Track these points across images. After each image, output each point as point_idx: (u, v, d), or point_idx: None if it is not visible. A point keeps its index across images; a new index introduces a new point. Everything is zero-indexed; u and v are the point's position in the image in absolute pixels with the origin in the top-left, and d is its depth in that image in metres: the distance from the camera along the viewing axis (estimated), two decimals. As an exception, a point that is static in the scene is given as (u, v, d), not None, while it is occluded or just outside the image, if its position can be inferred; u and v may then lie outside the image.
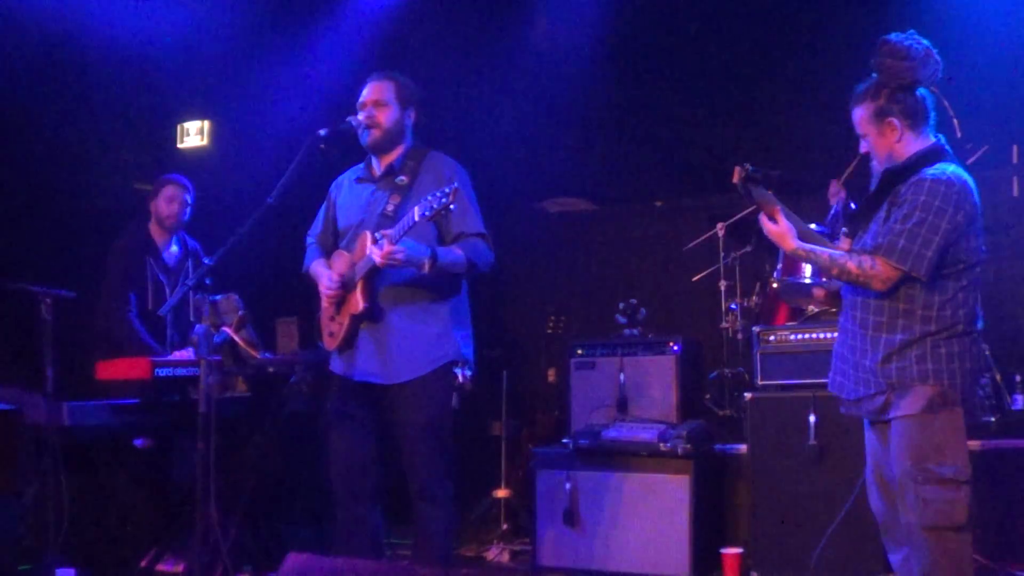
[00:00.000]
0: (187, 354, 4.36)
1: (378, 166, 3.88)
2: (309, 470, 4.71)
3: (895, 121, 3.18)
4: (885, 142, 3.22)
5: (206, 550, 3.49)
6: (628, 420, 5.05)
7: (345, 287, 3.76)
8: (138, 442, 4.37)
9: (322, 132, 3.69)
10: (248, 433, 4.32)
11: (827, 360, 3.43)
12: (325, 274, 3.81)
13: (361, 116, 3.80)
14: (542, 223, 7.50)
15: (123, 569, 4.28)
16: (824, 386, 3.49)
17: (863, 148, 3.30)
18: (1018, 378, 5.22)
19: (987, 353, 5.26)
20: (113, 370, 4.11)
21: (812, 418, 4.47)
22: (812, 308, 4.50)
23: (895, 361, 3.11)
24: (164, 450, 4.45)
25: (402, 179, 3.78)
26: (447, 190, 3.38)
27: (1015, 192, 6.05)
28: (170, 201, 4.91)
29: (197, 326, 3.65)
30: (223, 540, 3.56)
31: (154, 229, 4.93)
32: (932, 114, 3.25)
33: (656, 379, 5.21)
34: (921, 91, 3.22)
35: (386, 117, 3.80)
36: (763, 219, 3.29)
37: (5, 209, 5.94)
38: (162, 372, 4.05)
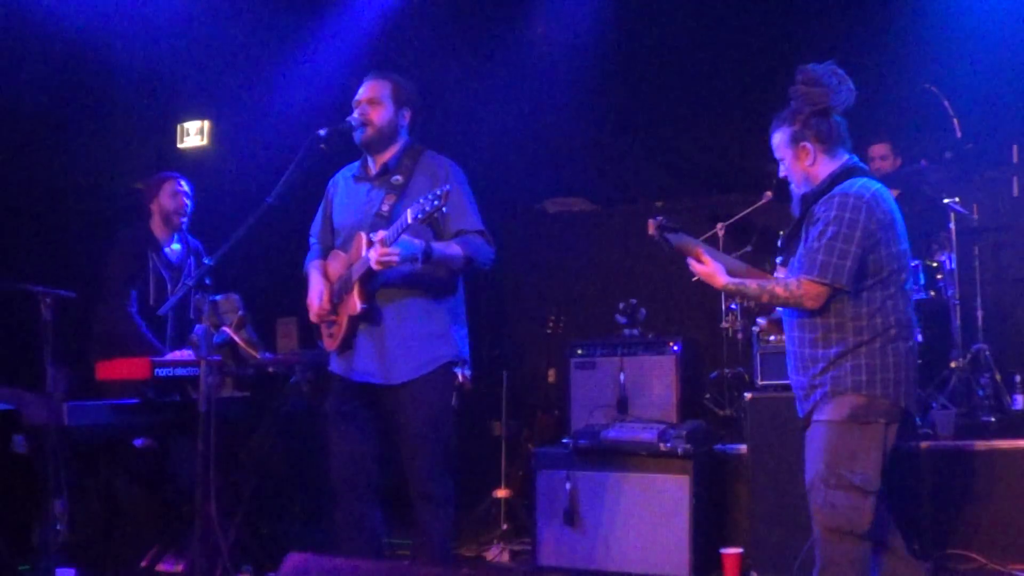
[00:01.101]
0: (186, 354, 4.36)
1: (373, 165, 3.88)
2: (309, 470, 4.72)
3: (808, 145, 3.31)
4: (800, 166, 3.35)
5: (206, 550, 3.49)
6: (628, 420, 5.05)
7: (341, 289, 3.76)
8: (138, 442, 4.37)
9: (322, 132, 3.69)
10: (248, 433, 4.32)
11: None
12: (315, 287, 3.82)
13: (355, 113, 3.81)
14: (542, 223, 7.50)
15: (123, 569, 4.28)
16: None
17: (781, 172, 3.43)
18: (1018, 378, 5.22)
19: (987, 353, 5.27)
20: (113, 370, 4.11)
21: (812, 418, 4.46)
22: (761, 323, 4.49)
23: (831, 371, 3.21)
24: (164, 450, 4.45)
25: (397, 179, 3.78)
26: (438, 192, 3.38)
27: (1015, 192, 6.06)
28: (174, 195, 4.92)
29: (197, 326, 3.65)
30: (223, 540, 3.56)
31: (155, 226, 4.93)
32: (846, 138, 3.36)
33: (656, 379, 5.20)
34: (836, 117, 3.33)
35: (379, 115, 3.80)
36: (691, 262, 3.42)
37: (5, 209, 5.95)
38: (162, 372, 4.05)
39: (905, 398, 3.21)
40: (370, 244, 3.56)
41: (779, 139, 3.38)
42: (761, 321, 3.68)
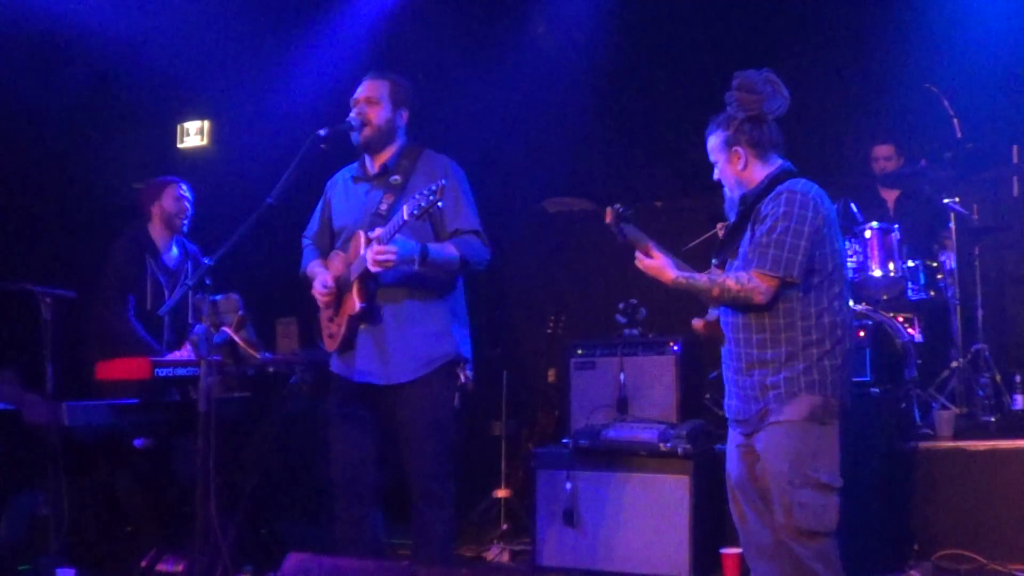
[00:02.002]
0: (186, 354, 4.36)
1: (371, 165, 3.88)
2: (309, 470, 4.71)
3: (740, 150, 3.38)
4: (732, 169, 3.42)
5: (206, 550, 3.49)
6: (628, 420, 5.05)
7: (340, 289, 3.76)
8: (138, 442, 4.37)
9: (322, 132, 3.69)
10: (248, 433, 4.31)
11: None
12: (320, 276, 3.81)
13: (353, 113, 3.81)
14: (542, 223, 7.49)
15: (123, 569, 4.28)
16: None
17: (715, 175, 3.49)
18: (1018, 378, 5.21)
19: (987, 353, 5.27)
20: (113, 370, 4.11)
21: (812, 418, 4.45)
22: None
23: (783, 372, 3.22)
24: (164, 450, 4.45)
25: (396, 178, 3.78)
26: (434, 188, 3.39)
27: (1015, 192, 6.06)
28: (178, 199, 4.92)
29: (197, 326, 3.64)
30: (223, 540, 3.56)
31: (155, 230, 4.92)
32: (780, 143, 3.42)
33: (656, 379, 5.20)
34: (769, 123, 3.38)
35: (377, 115, 3.80)
36: (639, 256, 3.40)
37: (5, 209, 5.95)
38: (162, 372, 4.06)
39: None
40: (369, 243, 3.56)
41: (713, 143, 3.45)
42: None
